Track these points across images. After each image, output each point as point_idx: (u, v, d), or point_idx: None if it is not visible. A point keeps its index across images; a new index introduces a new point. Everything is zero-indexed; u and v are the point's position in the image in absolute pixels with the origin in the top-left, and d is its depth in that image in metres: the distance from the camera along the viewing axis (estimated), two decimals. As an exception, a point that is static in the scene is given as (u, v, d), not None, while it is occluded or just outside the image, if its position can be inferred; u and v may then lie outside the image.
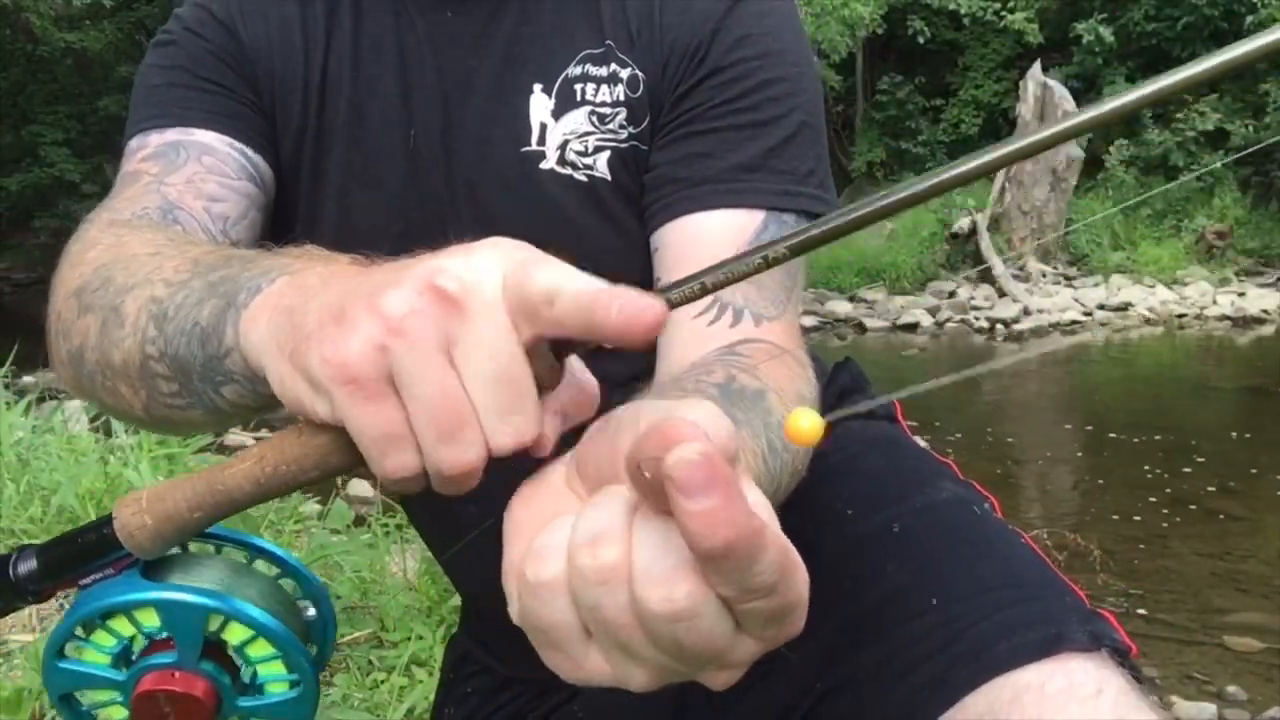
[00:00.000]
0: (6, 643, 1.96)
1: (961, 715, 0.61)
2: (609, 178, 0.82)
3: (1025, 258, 12.07)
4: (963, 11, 14.29)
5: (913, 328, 10.96)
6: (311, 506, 2.86)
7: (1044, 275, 11.98)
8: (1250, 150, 12.33)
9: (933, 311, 11.27)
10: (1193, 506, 5.04)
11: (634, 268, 0.81)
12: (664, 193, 0.80)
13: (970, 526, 0.75)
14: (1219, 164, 11.84)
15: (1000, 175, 12.51)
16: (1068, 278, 12.19)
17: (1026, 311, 10.98)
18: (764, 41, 0.80)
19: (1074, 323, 10.93)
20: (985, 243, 11.88)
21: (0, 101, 16.27)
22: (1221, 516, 4.88)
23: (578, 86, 0.81)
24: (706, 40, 0.80)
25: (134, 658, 0.56)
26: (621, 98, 0.81)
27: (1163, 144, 13.03)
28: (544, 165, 0.81)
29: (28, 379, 5.86)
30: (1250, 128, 12.83)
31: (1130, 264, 12.23)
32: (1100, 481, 5.54)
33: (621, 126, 0.81)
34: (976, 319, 11.00)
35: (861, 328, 11.10)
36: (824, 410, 0.41)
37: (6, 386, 3.37)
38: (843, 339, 10.88)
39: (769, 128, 0.79)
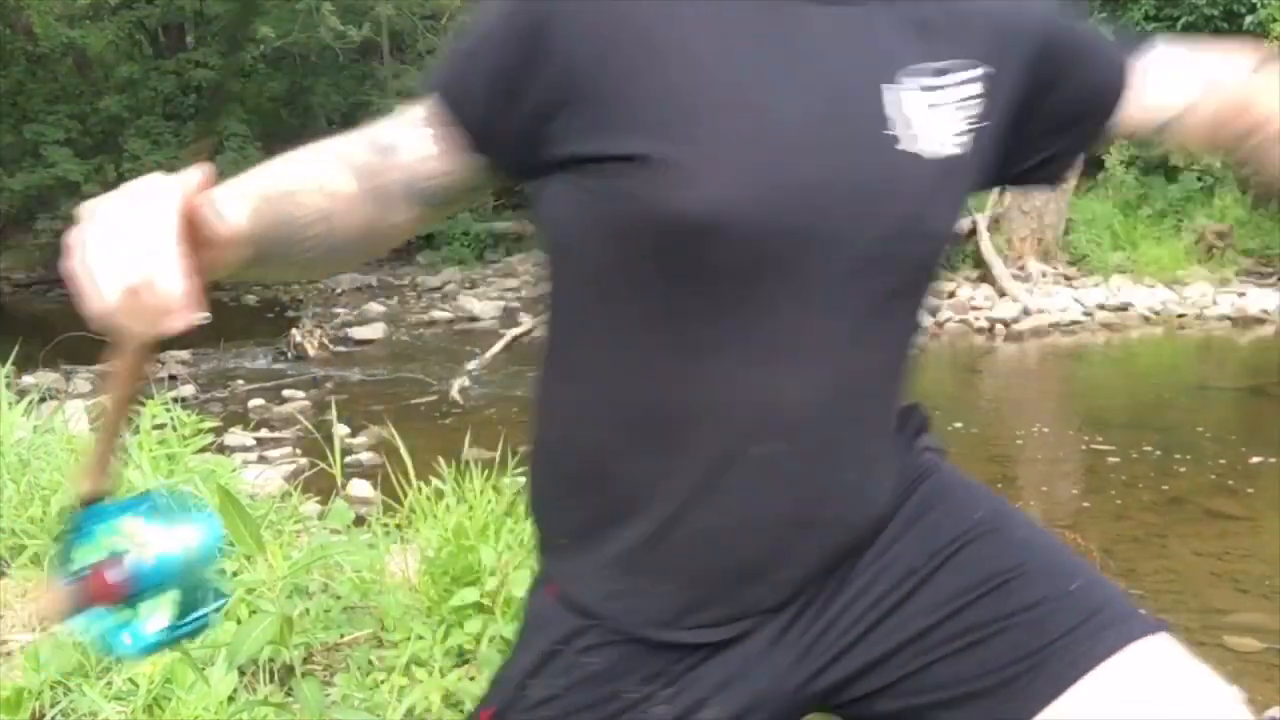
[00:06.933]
0: (7, 643, 1.96)
1: (1133, 653, 0.82)
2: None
3: (1025, 258, 12.07)
4: (963, 11, 14.28)
5: (913, 328, 10.96)
6: (312, 506, 2.86)
7: (1044, 275, 11.98)
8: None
9: (932, 311, 11.26)
10: (1192, 506, 5.04)
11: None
12: (1104, 73, 0.98)
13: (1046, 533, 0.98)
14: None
15: (1000, 175, 12.50)
16: (1068, 278, 12.19)
17: (1026, 311, 10.99)
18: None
19: (1074, 323, 10.93)
20: (985, 243, 11.88)
21: (0, 101, 16.25)
22: (1221, 516, 4.88)
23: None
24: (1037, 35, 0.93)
25: None
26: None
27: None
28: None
29: (28, 379, 5.85)
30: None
31: (1130, 264, 12.22)
32: (1100, 481, 5.54)
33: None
34: (976, 319, 11.00)
35: (861, 328, 11.09)
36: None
37: (7, 386, 3.37)
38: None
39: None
